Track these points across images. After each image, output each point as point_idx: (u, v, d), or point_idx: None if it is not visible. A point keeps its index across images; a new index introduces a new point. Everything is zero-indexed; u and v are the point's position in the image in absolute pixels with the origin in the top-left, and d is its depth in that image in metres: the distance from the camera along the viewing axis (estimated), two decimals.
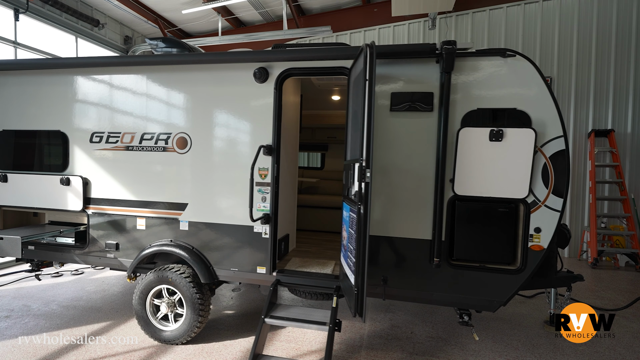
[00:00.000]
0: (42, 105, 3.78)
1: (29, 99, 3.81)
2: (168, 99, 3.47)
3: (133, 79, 3.54)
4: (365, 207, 2.31)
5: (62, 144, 3.76)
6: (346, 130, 3.06)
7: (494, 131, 2.76)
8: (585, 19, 6.90)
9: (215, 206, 3.39)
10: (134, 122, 3.55)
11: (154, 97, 3.50)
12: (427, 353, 3.37)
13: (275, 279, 3.25)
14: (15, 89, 3.84)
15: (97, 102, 3.63)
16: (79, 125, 3.69)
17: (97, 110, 3.64)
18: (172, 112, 3.46)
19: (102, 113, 3.63)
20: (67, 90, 3.70)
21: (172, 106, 3.46)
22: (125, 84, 3.57)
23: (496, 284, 2.90)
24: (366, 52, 2.29)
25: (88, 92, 3.66)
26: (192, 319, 3.34)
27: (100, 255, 3.70)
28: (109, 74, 3.60)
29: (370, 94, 2.29)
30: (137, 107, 3.54)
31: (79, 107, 3.68)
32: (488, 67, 2.85)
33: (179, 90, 3.44)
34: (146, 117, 3.52)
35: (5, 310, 4.19)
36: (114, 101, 3.59)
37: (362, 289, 2.32)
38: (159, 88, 3.48)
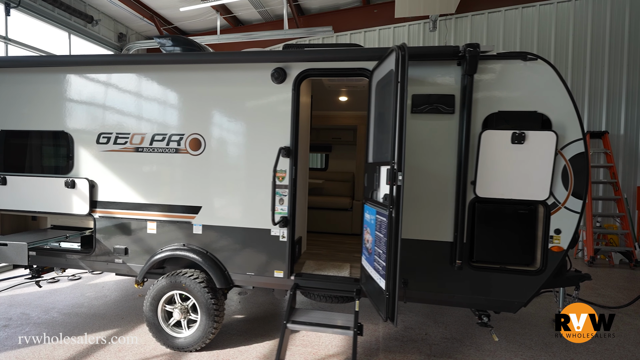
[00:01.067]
0: (45, 104, 3.62)
1: (30, 98, 3.64)
2: (180, 99, 3.37)
3: (143, 78, 3.43)
4: (397, 210, 2.29)
5: (66, 145, 3.61)
6: (367, 132, 3.03)
7: (516, 134, 2.78)
8: (580, 23, 7.08)
9: (230, 209, 3.31)
10: (144, 123, 3.43)
11: (166, 97, 3.40)
12: (444, 355, 3.38)
13: (293, 283, 3.20)
14: (15, 87, 3.66)
15: (104, 102, 3.50)
16: (85, 126, 3.54)
17: (104, 110, 3.50)
18: (184, 113, 3.36)
19: (110, 113, 3.49)
20: (71, 89, 3.55)
21: (184, 107, 3.36)
22: (134, 83, 3.45)
23: (517, 285, 2.92)
24: (398, 54, 2.27)
25: (94, 91, 3.52)
26: (206, 325, 3.25)
27: (107, 261, 3.56)
28: (117, 73, 3.47)
29: (403, 96, 2.27)
30: (147, 108, 3.43)
31: (84, 106, 3.54)
32: (509, 70, 2.87)
33: (192, 91, 3.35)
34: (157, 117, 3.41)
35: (3, 319, 4.00)
36: (123, 101, 3.47)
37: (394, 293, 2.30)
38: (171, 88, 3.38)
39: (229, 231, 3.31)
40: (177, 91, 3.38)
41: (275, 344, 3.52)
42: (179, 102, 3.38)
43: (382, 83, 2.71)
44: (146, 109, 3.43)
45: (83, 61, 3.55)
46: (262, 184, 3.23)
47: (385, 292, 2.32)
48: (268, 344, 3.52)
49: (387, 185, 2.42)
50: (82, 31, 7.29)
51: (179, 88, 3.37)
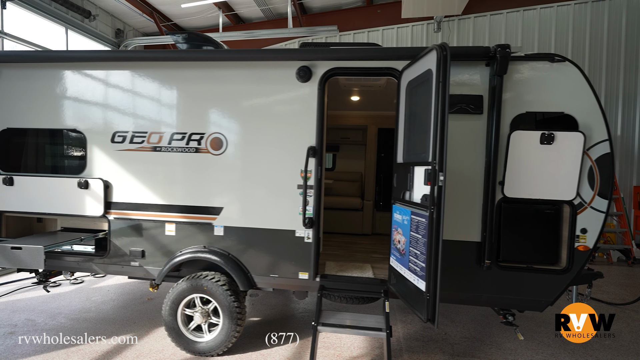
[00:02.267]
0: (55, 101, 3.46)
1: (39, 95, 3.48)
2: (201, 97, 3.28)
3: (162, 75, 3.32)
4: (439, 211, 2.27)
5: (78, 144, 3.47)
6: (396, 133, 3.00)
7: (545, 134, 2.80)
8: (579, 27, 7.24)
9: (253, 210, 3.24)
10: (162, 121, 3.32)
11: (185, 95, 3.30)
12: (467, 354, 3.39)
13: (319, 285, 3.16)
14: (23, 83, 3.50)
15: (120, 100, 3.38)
16: (99, 124, 3.41)
17: (120, 108, 3.38)
18: (205, 111, 3.27)
19: (126, 111, 3.37)
20: (85, 86, 3.42)
21: (205, 105, 3.28)
22: (152, 81, 3.34)
23: (543, 284, 2.95)
24: (440, 54, 2.26)
25: (109, 88, 3.39)
26: (229, 328, 3.18)
27: (123, 264, 3.44)
28: (133, 70, 3.35)
29: (445, 96, 2.26)
30: (165, 106, 3.32)
31: (98, 104, 3.41)
32: (537, 71, 2.89)
33: (213, 88, 3.26)
34: (176, 116, 3.31)
35: (8, 325, 3.82)
36: (139, 99, 3.36)
37: (435, 294, 2.29)
38: (192, 86, 3.29)
39: (252, 232, 3.24)
40: (197, 89, 3.29)
41: (298, 347, 3.47)
42: (199, 100, 3.28)
43: (415, 83, 2.69)
44: (164, 108, 3.32)
45: (98, 57, 3.42)
46: (286, 184, 3.18)
47: (426, 294, 2.30)
48: (290, 347, 3.47)
49: (425, 185, 2.40)
50: (79, 26, 7.05)
51: (199, 86, 3.28)
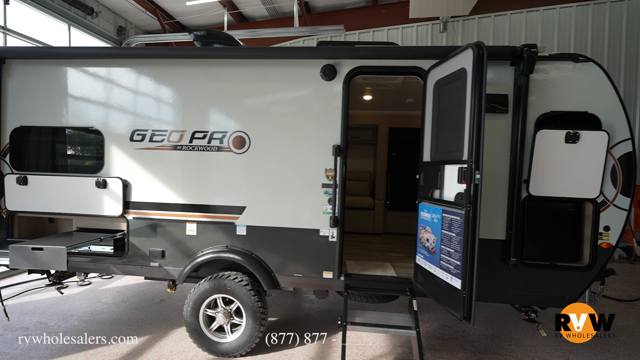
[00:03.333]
0: (70, 99, 3.39)
1: (54, 92, 3.40)
2: (223, 95, 3.25)
3: (183, 73, 3.27)
4: (475, 209, 2.28)
5: (95, 142, 3.41)
6: (422, 131, 3.01)
7: (570, 133, 2.84)
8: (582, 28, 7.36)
9: (276, 209, 3.21)
10: (183, 119, 3.28)
11: (207, 93, 3.26)
12: (488, 351, 3.42)
13: (344, 284, 3.15)
14: (37, 80, 3.42)
15: (139, 97, 3.32)
16: (117, 122, 3.35)
17: (139, 106, 3.32)
18: (228, 110, 3.24)
19: (145, 109, 3.32)
20: (102, 84, 3.35)
21: (228, 103, 3.24)
22: (172, 78, 3.29)
23: (567, 281, 2.99)
24: (476, 53, 2.27)
25: (128, 85, 3.33)
26: (253, 328, 3.15)
27: (142, 264, 3.38)
28: (154, 67, 3.30)
29: (481, 95, 2.27)
30: (186, 104, 3.28)
31: (116, 102, 3.34)
32: (561, 70, 2.93)
33: (236, 86, 3.23)
34: (197, 114, 3.27)
35: (20, 328, 3.73)
36: (159, 96, 3.31)
37: (472, 292, 2.30)
38: (213, 84, 3.25)
39: (276, 232, 3.22)
40: (219, 87, 3.25)
41: (320, 346, 3.46)
42: (221, 98, 3.25)
43: (445, 81, 2.70)
44: (185, 106, 3.28)
45: (117, 54, 3.36)
46: (310, 183, 3.16)
47: (462, 292, 2.31)
48: (312, 346, 3.45)
49: (459, 184, 2.41)
50: (82, 23, 6.91)
51: (221, 84, 3.24)
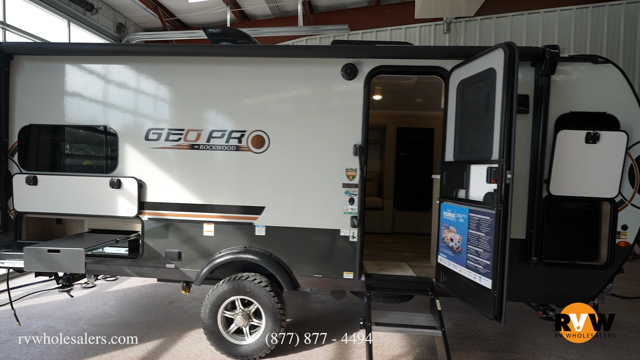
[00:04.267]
0: (83, 96, 3.30)
1: (66, 89, 3.31)
2: (242, 93, 3.20)
3: (199, 70, 3.22)
4: (506, 208, 2.29)
5: (109, 141, 3.33)
6: (444, 131, 3.01)
7: (591, 134, 2.87)
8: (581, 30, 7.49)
9: (296, 209, 3.18)
10: (201, 118, 3.22)
11: (225, 91, 3.21)
12: (505, 350, 3.45)
13: (365, 284, 3.13)
14: (47, 76, 3.32)
15: (155, 95, 3.25)
16: (132, 121, 3.27)
17: (155, 104, 3.26)
18: (247, 108, 3.19)
19: (161, 107, 3.25)
20: (116, 81, 3.27)
21: (246, 102, 3.20)
22: (189, 76, 3.23)
23: (586, 280, 3.03)
24: (508, 53, 2.27)
25: (143, 83, 3.26)
26: (273, 330, 3.11)
27: (157, 266, 3.31)
28: (170, 65, 3.23)
29: (512, 95, 2.28)
30: (204, 102, 3.22)
31: (131, 100, 3.27)
32: (580, 71, 2.96)
33: (255, 85, 3.19)
34: (215, 112, 3.21)
35: (27, 333, 3.62)
36: (176, 95, 3.24)
37: (502, 292, 2.31)
38: (232, 82, 3.20)
39: (295, 232, 3.19)
40: (237, 85, 3.20)
41: (337, 347, 3.44)
42: (240, 97, 3.20)
43: (471, 81, 2.71)
44: (203, 104, 3.22)
45: (132, 51, 3.27)
46: (330, 183, 3.14)
47: (494, 292, 2.32)
48: (330, 347, 3.43)
49: (489, 183, 2.42)
50: (81, 19, 6.76)
51: (239, 82, 3.19)
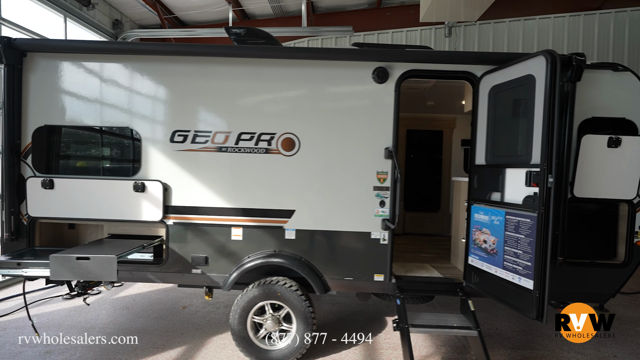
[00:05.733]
0: (104, 97, 3.18)
1: (85, 89, 3.18)
2: (271, 95, 3.17)
3: (228, 71, 3.15)
4: (548, 210, 2.36)
5: (132, 143, 3.22)
6: (473, 135, 3.08)
7: (613, 138, 3.00)
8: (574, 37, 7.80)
9: (327, 212, 3.17)
10: (229, 120, 3.16)
11: (255, 93, 3.16)
12: (527, 347, 3.55)
13: (396, 286, 3.16)
14: (65, 75, 3.17)
15: (180, 96, 3.17)
16: (156, 122, 3.18)
17: (180, 105, 3.17)
18: (277, 111, 3.16)
19: (187, 109, 3.17)
20: (139, 81, 3.16)
21: (277, 104, 3.16)
22: (217, 77, 3.16)
23: (605, 278, 3.16)
24: (551, 60, 2.35)
25: (169, 83, 3.17)
26: (304, 334, 3.09)
27: (183, 272, 3.23)
28: (197, 65, 3.16)
29: (554, 101, 2.35)
30: (233, 104, 3.17)
31: (155, 100, 3.17)
32: (601, 79, 3.09)
33: (286, 87, 3.16)
34: (244, 114, 3.16)
35: (40, 344, 3.45)
36: (203, 96, 3.17)
37: (544, 292, 2.38)
38: (261, 84, 3.16)
39: (326, 235, 3.18)
40: (267, 87, 3.16)
41: (364, 349, 3.45)
42: (270, 99, 3.17)
43: (504, 87, 2.78)
44: (231, 106, 3.16)
45: (158, 50, 3.18)
46: (361, 186, 3.15)
47: (536, 292, 2.39)
48: (357, 350, 3.44)
49: (528, 187, 2.49)
50: (78, 14, 6.49)
51: (270, 84, 3.16)
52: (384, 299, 3.51)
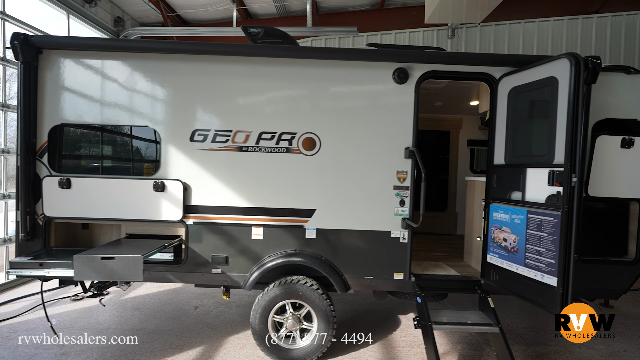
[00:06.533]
0: (122, 96, 3.14)
1: (103, 87, 3.14)
2: (292, 95, 3.18)
3: (248, 71, 3.15)
4: (571, 209, 2.43)
5: (150, 142, 3.19)
6: (492, 136, 3.13)
7: (626, 139, 3.09)
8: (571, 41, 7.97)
9: (347, 211, 3.19)
10: (249, 119, 3.16)
11: (275, 92, 3.17)
12: (539, 343, 3.63)
13: (415, 285, 3.20)
14: (82, 73, 3.13)
15: (200, 95, 3.15)
16: (176, 121, 3.16)
17: (200, 104, 3.16)
18: (297, 110, 3.17)
19: (207, 108, 3.16)
20: (159, 80, 3.14)
21: (298, 103, 3.17)
22: (237, 76, 3.15)
23: (618, 275, 3.25)
24: (575, 63, 2.41)
25: (188, 82, 3.15)
26: (325, 332, 3.11)
27: (203, 272, 3.21)
28: (217, 64, 3.15)
29: (578, 103, 2.42)
30: (253, 103, 3.17)
31: (175, 99, 3.15)
32: (613, 81, 3.17)
33: (306, 87, 3.17)
34: (264, 114, 3.17)
35: (55, 346, 3.40)
36: (223, 95, 3.16)
37: (568, 289, 2.44)
38: (282, 83, 3.17)
39: (346, 234, 3.20)
40: (288, 87, 3.17)
41: (382, 347, 3.48)
42: (291, 99, 3.17)
43: (525, 89, 2.84)
44: (252, 105, 3.16)
45: (177, 49, 3.15)
46: (381, 185, 3.18)
47: (559, 288, 2.45)
48: (374, 348, 3.47)
49: (551, 186, 2.55)
50: (80, 11, 6.38)
51: (290, 83, 3.17)
52: (399, 298, 3.55)
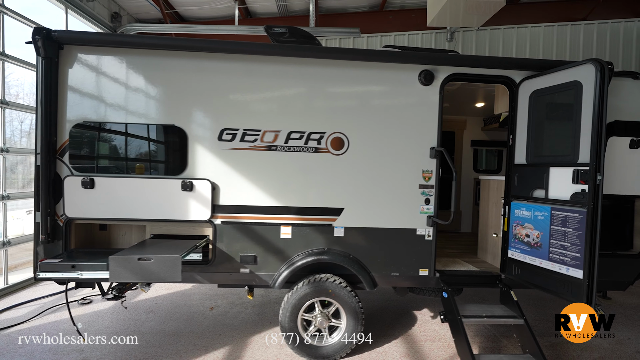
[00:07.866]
0: (147, 93, 3.09)
1: (128, 85, 3.08)
2: (322, 95, 3.21)
3: (277, 70, 3.16)
4: (596, 206, 2.58)
5: (177, 141, 3.15)
6: (513, 136, 3.27)
7: (635, 140, 3.30)
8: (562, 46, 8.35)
9: (374, 210, 3.26)
10: (278, 119, 3.17)
11: (305, 92, 3.20)
12: (551, 334, 3.80)
13: (440, 280, 3.30)
14: (106, 70, 3.06)
15: (229, 94, 3.14)
16: (204, 120, 3.13)
17: (229, 103, 3.15)
18: (327, 110, 3.21)
19: (236, 107, 3.15)
20: (186, 78, 3.11)
21: (328, 104, 3.21)
22: (267, 75, 3.16)
23: (625, 267, 3.46)
24: (600, 68, 2.56)
25: (216, 81, 3.13)
26: (354, 329, 3.17)
27: (230, 271, 3.20)
28: (246, 62, 3.14)
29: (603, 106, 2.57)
30: (282, 103, 3.18)
31: (203, 98, 3.12)
32: (623, 85, 3.38)
33: (336, 87, 3.21)
34: (294, 113, 3.19)
35: (74, 350, 3.30)
36: (252, 94, 3.16)
37: (593, 281, 2.59)
38: (313, 83, 3.19)
39: (373, 232, 3.26)
40: (317, 87, 3.20)
41: (404, 341, 3.57)
42: (320, 99, 3.21)
43: (547, 92, 2.99)
44: (281, 105, 3.18)
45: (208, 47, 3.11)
46: (407, 184, 3.26)
47: (585, 281, 2.60)
48: (398, 342, 3.56)
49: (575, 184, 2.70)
50: (78, 6, 6.17)
51: (321, 84, 3.20)
52: (418, 294, 3.66)
